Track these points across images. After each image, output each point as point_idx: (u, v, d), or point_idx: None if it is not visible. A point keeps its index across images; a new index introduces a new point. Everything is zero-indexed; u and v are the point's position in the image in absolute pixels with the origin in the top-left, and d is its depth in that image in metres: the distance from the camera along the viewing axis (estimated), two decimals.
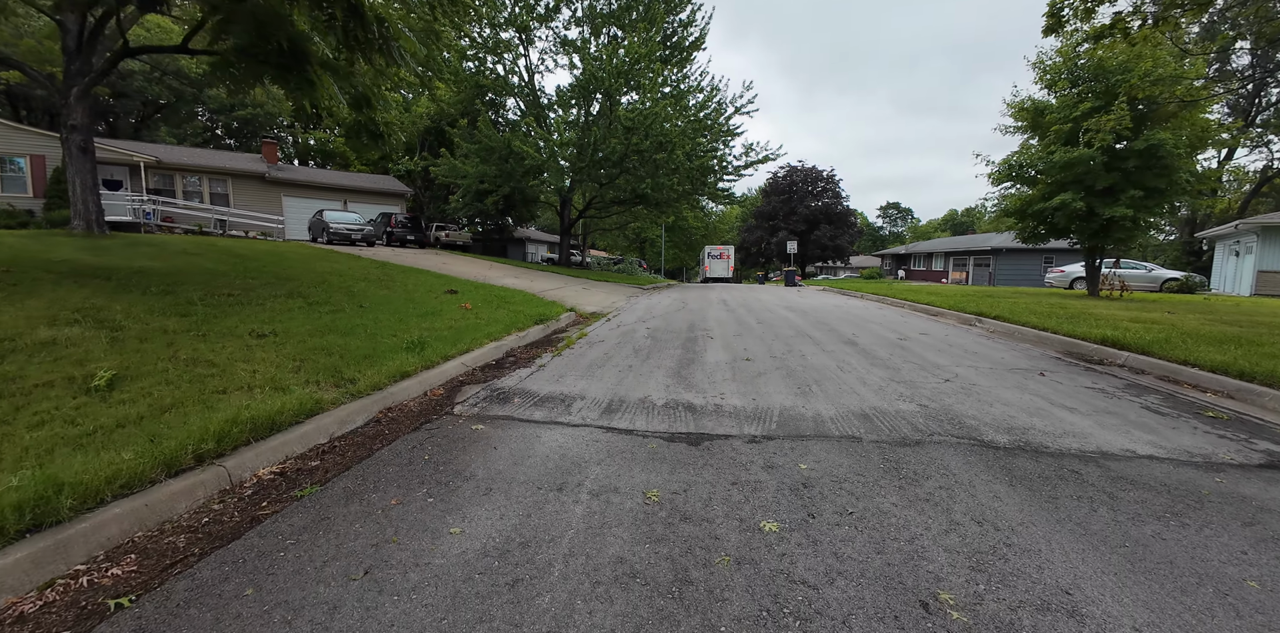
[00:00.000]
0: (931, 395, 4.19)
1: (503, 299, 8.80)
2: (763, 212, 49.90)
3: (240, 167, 23.12)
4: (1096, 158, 13.48)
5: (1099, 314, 9.56)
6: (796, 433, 3.26)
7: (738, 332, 7.27)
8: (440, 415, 3.54)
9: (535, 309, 7.90)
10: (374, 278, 9.41)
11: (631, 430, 3.28)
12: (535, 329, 6.74)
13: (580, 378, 4.58)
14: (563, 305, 9.10)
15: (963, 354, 6.15)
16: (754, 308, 10.77)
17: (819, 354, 5.72)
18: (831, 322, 8.66)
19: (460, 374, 4.60)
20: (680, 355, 5.56)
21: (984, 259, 37.86)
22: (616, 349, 5.89)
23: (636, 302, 12.03)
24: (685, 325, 7.84)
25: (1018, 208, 15.62)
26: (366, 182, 26.55)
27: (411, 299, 7.77)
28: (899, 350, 6.15)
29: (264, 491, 2.53)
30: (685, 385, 4.36)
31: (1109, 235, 14.54)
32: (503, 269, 16.24)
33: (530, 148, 17.04)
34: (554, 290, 12.14)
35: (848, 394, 4.14)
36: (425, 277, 10.75)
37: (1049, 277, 22.94)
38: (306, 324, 5.27)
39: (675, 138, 16.91)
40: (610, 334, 6.97)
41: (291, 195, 23.66)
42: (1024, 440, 3.27)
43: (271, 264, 9.57)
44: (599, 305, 10.59)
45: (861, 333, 7.46)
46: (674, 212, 26.90)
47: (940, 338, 7.39)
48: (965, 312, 10.14)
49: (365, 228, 19.25)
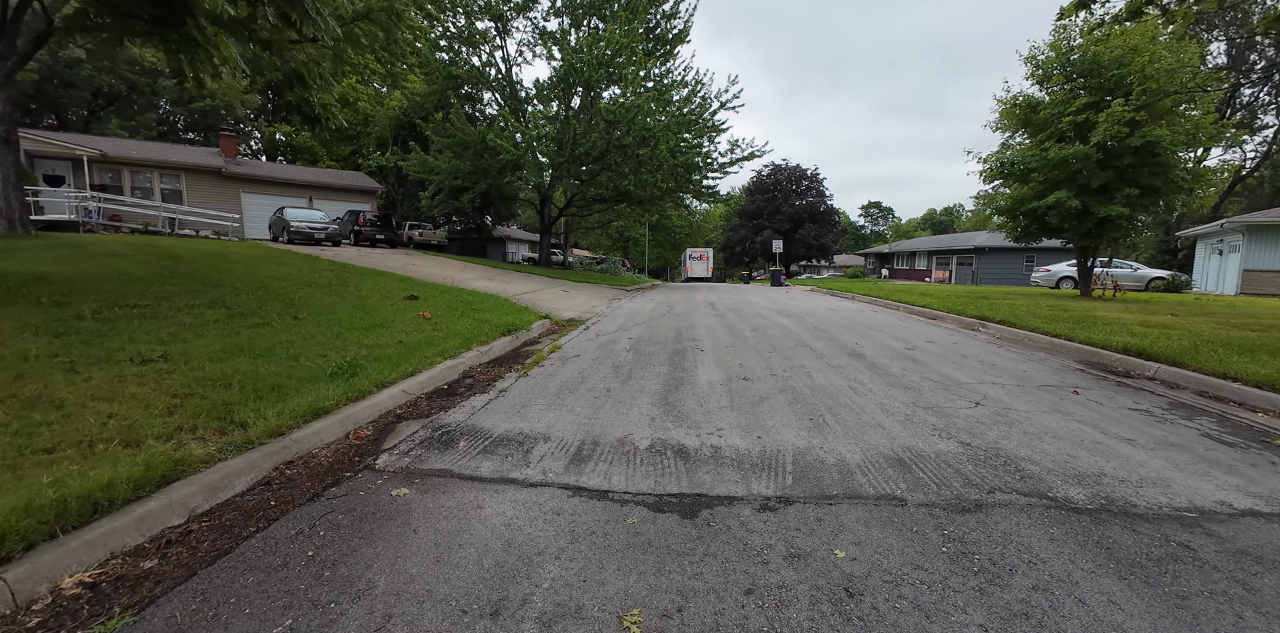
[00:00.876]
0: (968, 427, 3.49)
1: (469, 305, 7.93)
2: (747, 210, 49.47)
3: (195, 161, 21.70)
4: (1092, 155, 13.07)
5: (1104, 317, 9.08)
6: (820, 492, 2.51)
7: (730, 342, 6.53)
8: (357, 471, 2.71)
9: (504, 317, 7.05)
10: (324, 282, 8.45)
11: (607, 492, 2.49)
12: (501, 342, 5.90)
13: (547, 408, 3.77)
14: (536, 312, 8.27)
15: (981, 367, 5.49)
16: (744, 313, 10.06)
17: (825, 371, 5.01)
18: (829, 328, 7.98)
19: (399, 406, 3.76)
20: (667, 374, 4.79)
21: (967, 258, 37.93)
22: (594, 366, 5.10)
23: (619, 305, 11.24)
24: (672, 335, 7.08)
25: (1010, 206, 15.22)
26: (334, 178, 25.24)
27: (362, 307, 6.87)
28: (911, 364, 5.47)
29: (59, 617, 1.69)
30: (674, 417, 3.59)
31: (1103, 234, 14.19)
32: (477, 270, 15.29)
33: (506, 142, 16.10)
34: (529, 294, 11.28)
35: (871, 428, 3.41)
36: (386, 280, 9.81)
37: (1035, 276, 22.77)
38: (214, 344, 4.36)
39: (659, 132, 16.14)
40: (588, 346, 6.17)
41: (251, 192, 22.29)
42: (1104, 496, 2.57)
43: (207, 267, 8.55)
44: (578, 311, 9.78)
45: (865, 342, 6.78)
46: (658, 210, 26.15)
47: (949, 347, 6.75)
48: (966, 315, 9.58)
49: (330, 226, 18.09)
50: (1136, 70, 12.46)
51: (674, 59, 20.98)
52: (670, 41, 21.05)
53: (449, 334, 5.77)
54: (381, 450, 2.97)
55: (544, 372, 4.88)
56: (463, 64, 19.53)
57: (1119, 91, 13.22)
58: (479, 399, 3.98)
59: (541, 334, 7.05)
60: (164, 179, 21.43)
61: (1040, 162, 13.91)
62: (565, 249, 38.44)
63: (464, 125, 17.54)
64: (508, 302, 9.02)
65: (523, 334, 6.57)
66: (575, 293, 13.16)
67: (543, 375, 4.73)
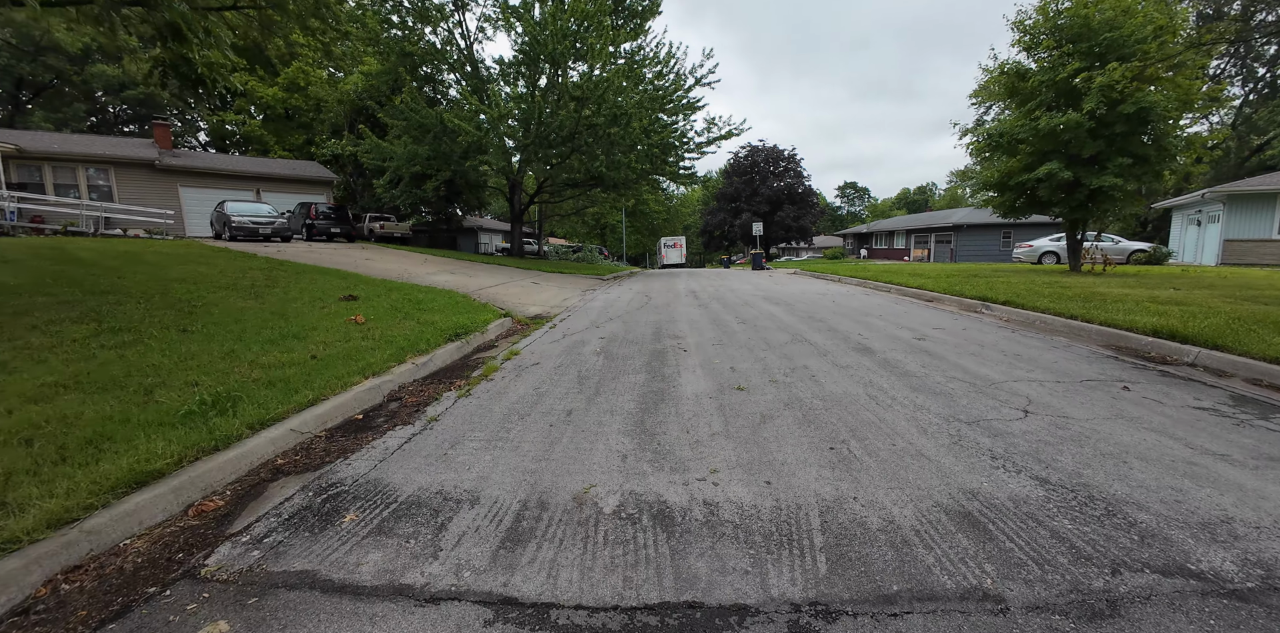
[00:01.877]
0: (1033, 450, 2.69)
1: (418, 305, 6.91)
2: (725, 193, 48.55)
3: (125, 153, 19.82)
4: (1084, 123, 12.44)
5: (1109, 294, 8.48)
6: (874, 589, 1.66)
7: (718, 338, 5.67)
8: (168, 583, 1.77)
9: (455, 318, 6.06)
10: (247, 284, 7.31)
11: (548, 610, 1.60)
12: (446, 350, 4.94)
13: (485, 445, 2.85)
14: (496, 310, 7.28)
15: (1005, 359, 4.74)
16: (729, 301, 9.21)
17: (833, 373, 4.17)
18: (825, 316, 7.18)
19: (282, 453, 2.80)
20: (644, 385, 3.91)
21: (945, 236, 37.75)
22: (555, 378, 4.18)
23: (592, 297, 10.29)
24: (650, 331, 6.18)
25: (997, 180, 14.58)
26: (285, 168, 23.48)
27: (281, 313, 5.80)
28: (928, 359, 4.68)
29: None
30: (653, 452, 2.71)
31: (1095, 207, 13.66)
32: (439, 263, 14.13)
33: (467, 123, 14.81)
34: (493, 288, 10.24)
35: (912, 459, 2.58)
36: (327, 278, 8.68)
37: (1017, 252, 22.43)
38: (51, 373, 3.32)
39: (631, 110, 15.03)
40: (551, 350, 5.24)
41: (191, 185, 20.52)
42: (1256, 560, 1.79)
43: (106, 271, 7.33)
44: (546, 305, 8.81)
45: (868, 332, 5.98)
46: (634, 194, 25.09)
47: (961, 334, 6.01)
48: (966, 297, 8.89)
49: (277, 220, 16.61)
50: (1129, 34, 11.80)
51: (645, 35, 19.70)
52: (640, 14, 19.76)
53: (381, 343, 4.78)
54: (226, 536, 2.03)
55: (492, 388, 3.95)
56: (416, 40, 18.01)
57: (1110, 56, 12.56)
58: (397, 435, 3.04)
59: (499, 336, 6.09)
60: (91, 175, 19.56)
61: (1030, 132, 13.26)
62: (540, 238, 37.11)
63: (420, 106, 16.14)
64: (466, 298, 8.00)
65: (475, 338, 5.60)
66: (546, 285, 12.15)
67: (489, 394, 3.80)
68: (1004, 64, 14.15)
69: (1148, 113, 12.07)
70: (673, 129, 18.68)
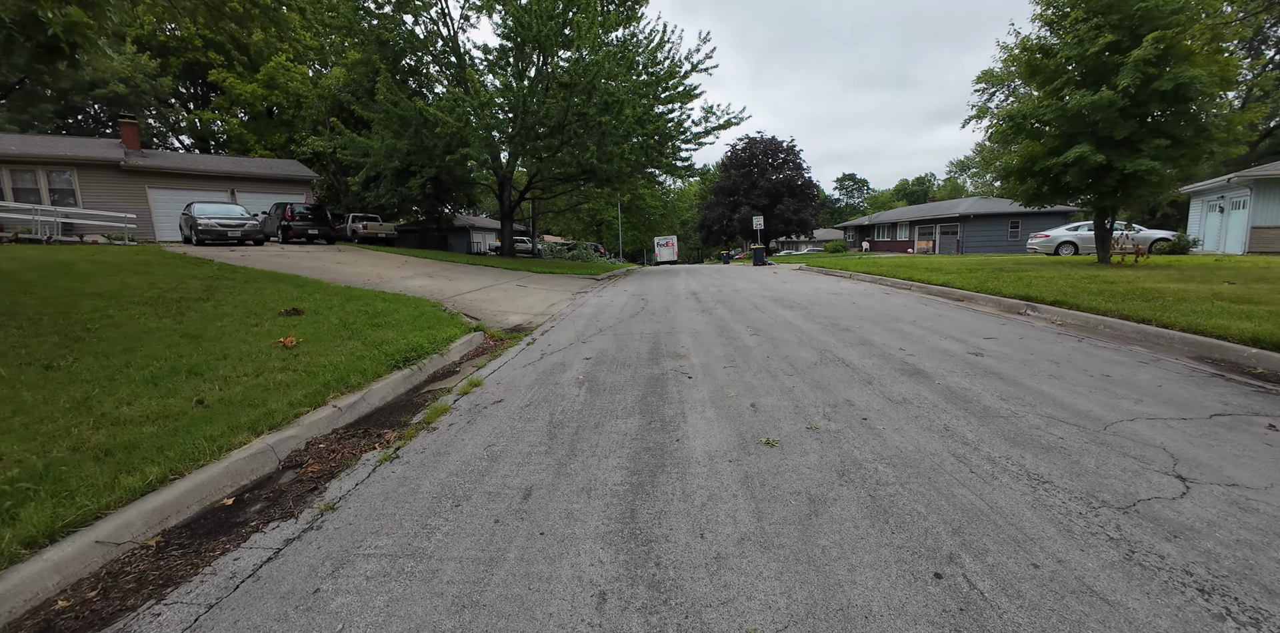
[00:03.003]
0: (1243, 568, 1.67)
1: (375, 318, 5.87)
2: (723, 187, 47.45)
3: (89, 154, 18.71)
4: (1117, 101, 11.38)
5: (1163, 290, 7.46)
6: None
7: (728, 356, 4.64)
8: None
9: (412, 336, 5.03)
10: (175, 299, 6.26)
11: None
12: (389, 382, 3.91)
13: (385, 568, 1.83)
14: (467, 321, 6.24)
15: (1094, 382, 3.73)
16: (736, 305, 8.17)
17: (890, 412, 3.15)
18: (850, 322, 6.14)
19: (67, 587, 1.77)
20: (636, 439, 2.88)
21: (951, 227, 36.69)
22: (517, 427, 3.15)
23: (583, 301, 9.25)
24: (646, 347, 5.15)
25: (1020, 166, 13.53)
26: (261, 167, 22.34)
27: (197, 336, 4.77)
28: (1002, 385, 3.66)
29: None
30: (648, 587, 1.68)
31: (1127, 193, 12.61)
32: (420, 266, 13.08)
33: (446, 113, 13.70)
34: (473, 294, 9.20)
35: (1080, 603, 1.56)
36: (279, 287, 7.64)
37: (1032, 242, 21.36)
38: None
39: (623, 96, 13.93)
40: (522, 378, 4.21)
41: (160, 187, 19.40)
42: None
43: (18, 286, 6.28)
44: (529, 313, 7.77)
45: (909, 344, 4.95)
46: (628, 188, 23.99)
47: (1019, 345, 4.99)
48: (1004, 295, 7.87)
49: (247, 222, 15.52)
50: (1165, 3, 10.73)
51: (638, 22, 18.55)
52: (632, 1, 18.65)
53: (304, 376, 3.75)
54: None
55: (431, 445, 2.91)
56: (393, 27, 16.86)
57: (1144, 28, 11.49)
58: (263, 544, 2.01)
59: (465, 357, 5.05)
60: (52, 177, 18.46)
61: (1056, 112, 12.19)
62: (534, 236, 35.99)
63: (399, 97, 15.01)
64: (435, 308, 6.96)
65: (432, 362, 4.57)
66: (533, 288, 11.10)
67: (424, 456, 2.77)
68: (1026, 39, 13.08)
69: (1187, 89, 11.01)
70: (668, 118, 17.58)
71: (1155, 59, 11.05)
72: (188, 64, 32.91)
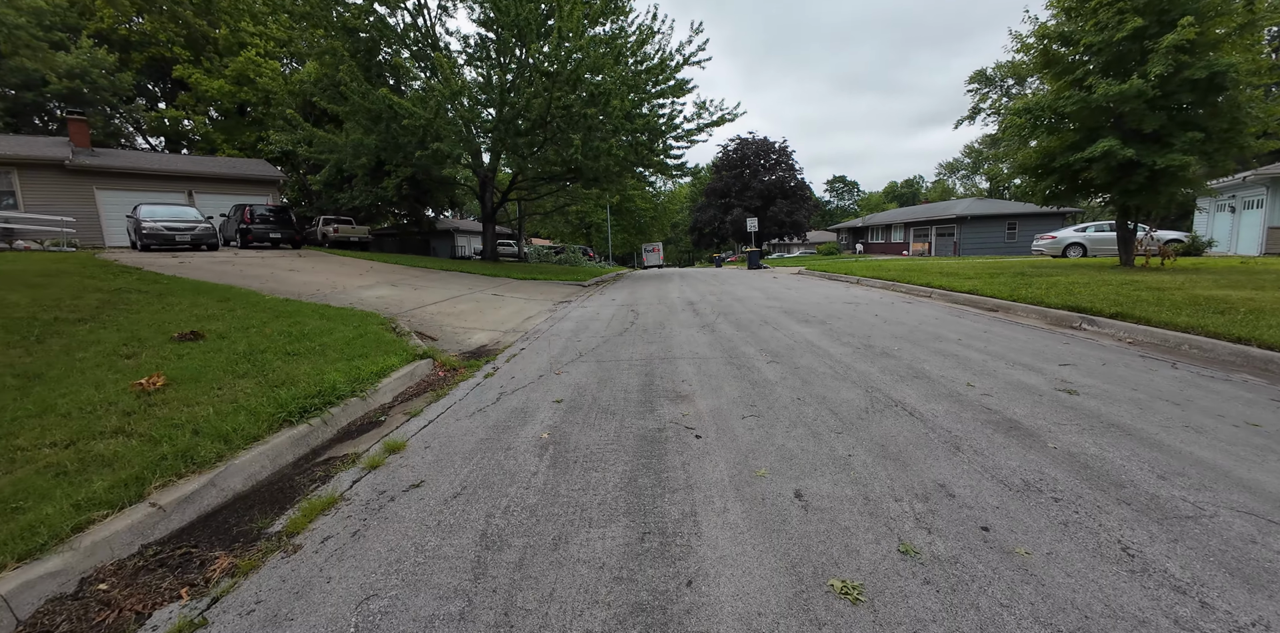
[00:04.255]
0: None
1: (296, 343, 4.66)
2: (714, 188, 46.50)
3: (31, 153, 17.22)
4: (1147, 92, 10.47)
5: (1227, 299, 6.46)
6: None
7: (747, 399, 3.49)
8: None
9: (330, 372, 3.83)
10: (47, 319, 5.00)
11: None
12: (269, 447, 2.71)
13: None
14: (414, 346, 5.04)
15: (1243, 435, 2.64)
16: (741, 317, 7.04)
17: (1024, 515, 2.01)
18: (887, 344, 5.02)
19: None
20: (620, 586, 1.72)
21: (947, 228, 36.00)
22: (428, 551, 1.97)
23: (564, 313, 8.07)
24: (637, 383, 3.98)
25: (1037, 163, 12.59)
26: (222, 167, 20.89)
27: (38, 374, 3.54)
28: (1141, 448, 2.54)
29: None
30: None
31: (1155, 191, 11.70)
32: (386, 273, 11.82)
33: (415, 104, 12.48)
34: (437, 306, 7.98)
35: None
36: (194, 303, 6.38)
37: (1038, 244, 20.52)
38: None
39: (610, 86, 12.81)
40: (461, 440, 3.03)
41: (110, 188, 17.93)
42: None
43: None
44: (498, 330, 6.58)
45: (977, 378, 3.84)
46: (617, 189, 22.87)
47: (1111, 377, 3.89)
48: (1048, 305, 6.82)
49: (199, 225, 14.14)
50: None
51: (625, 15, 17.39)
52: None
53: (141, 443, 2.55)
54: None
55: (273, 590, 1.73)
56: (361, 16, 15.60)
57: (1175, 11, 10.59)
58: None
59: (398, 398, 3.86)
60: None
61: (1079, 104, 11.24)
62: (520, 239, 34.71)
63: (364, 88, 13.74)
64: (381, 327, 5.75)
65: (348, 409, 3.37)
66: (511, 297, 9.90)
67: (248, 621, 1.59)
68: (1044, 26, 12.15)
69: (1222, 78, 10.11)
70: (658, 113, 16.50)
71: (1187, 45, 10.17)
72: (152, 59, 31.33)
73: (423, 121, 12.02)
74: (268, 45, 28.70)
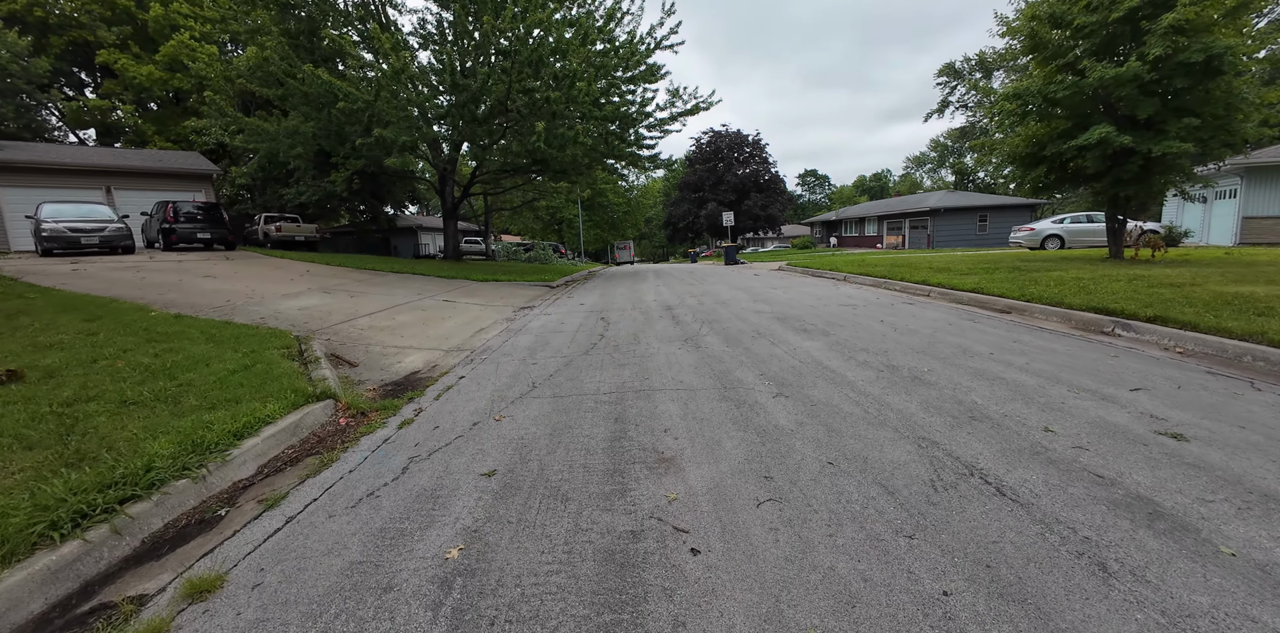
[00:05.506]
0: None
1: (148, 382, 3.47)
2: (688, 182, 45.60)
3: None
4: (1144, 75, 9.91)
5: (1248, 295, 5.83)
6: None
7: (757, 466, 2.49)
8: None
9: (167, 433, 2.69)
10: None
11: None
12: None
13: None
14: (318, 378, 3.88)
15: None
16: (729, 326, 6.06)
17: None
18: (910, 362, 4.10)
19: None
20: None
21: (920, 221, 35.92)
22: None
23: (524, 324, 6.96)
24: (603, 433, 2.94)
25: (1026, 152, 11.99)
26: (148, 160, 18.87)
27: None
28: None
29: None
30: None
31: (1147, 181, 11.22)
32: (325, 277, 10.45)
33: (351, 84, 11.06)
34: (371, 317, 6.76)
35: None
36: (50, 323, 5.06)
37: (1016, 236, 20.22)
38: None
39: (575, 67, 11.64)
40: (318, 567, 1.95)
41: (14, 184, 15.87)
42: None
43: None
44: (439, 348, 5.45)
45: (1050, 417, 2.92)
46: (587, 183, 21.65)
47: (1200, 406, 3.02)
48: (1069, 307, 6.05)
49: (109, 226, 12.42)
50: None
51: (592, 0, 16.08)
52: None
53: None
54: None
55: None
56: None
57: None
58: None
59: (263, 470, 2.73)
60: None
61: (1071, 89, 10.63)
62: (487, 236, 33.12)
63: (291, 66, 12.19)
64: (281, 352, 4.55)
65: (165, 504, 2.25)
66: (465, 303, 8.72)
67: None
68: (1033, 6, 11.50)
69: (1219, 61, 9.57)
70: (628, 99, 15.37)
71: (1186, 26, 9.62)
72: (72, 43, 28.50)
73: (361, 104, 10.64)
74: (204, 28, 26.34)
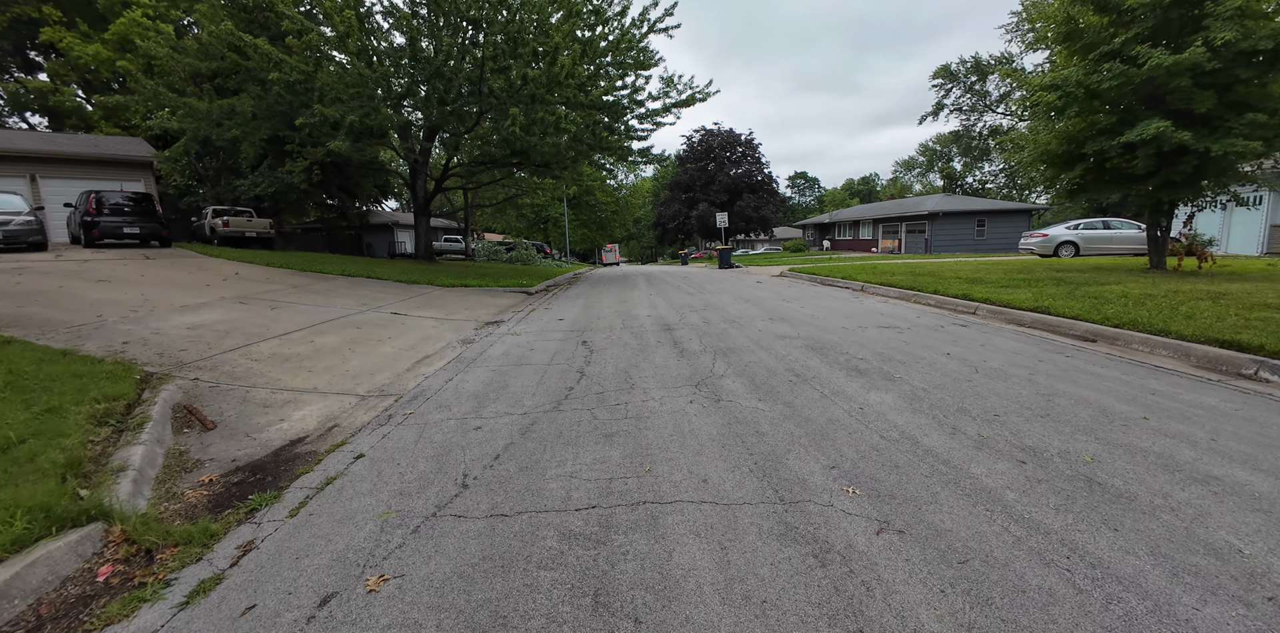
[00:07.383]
0: None
1: None
2: (679, 182, 44.19)
3: None
4: (1204, 64, 8.69)
5: None
6: None
7: None
8: None
9: None
10: None
11: None
12: None
13: None
14: (118, 463, 2.33)
15: None
16: (751, 362, 4.59)
17: None
18: (1037, 433, 2.65)
19: None
20: None
21: (918, 225, 34.91)
22: None
23: (483, 350, 5.42)
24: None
25: (1062, 150, 10.73)
26: (80, 145, 16.85)
27: None
28: None
29: None
30: None
31: (1199, 182, 10.04)
32: (254, 281, 8.76)
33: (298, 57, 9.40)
34: (283, 339, 5.16)
35: None
36: None
37: (1028, 242, 19.08)
38: None
39: (559, 40, 10.10)
40: None
41: None
42: None
43: None
44: (354, 391, 3.89)
45: None
46: (572, 177, 20.04)
47: None
48: (1185, 338, 4.67)
49: (15, 219, 10.56)
50: None
51: None
52: None
53: None
54: None
55: None
56: None
57: None
58: None
59: None
60: None
61: (1119, 79, 9.35)
62: (467, 235, 31.30)
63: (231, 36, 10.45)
64: (99, 406, 2.97)
65: None
66: (416, 317, 7.13)
67: None
68: None
69: None
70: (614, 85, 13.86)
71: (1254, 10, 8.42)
72: (14, 21, 26.16)
73: (298, 75, 8.97)
74: (157, 3, 24.25)
